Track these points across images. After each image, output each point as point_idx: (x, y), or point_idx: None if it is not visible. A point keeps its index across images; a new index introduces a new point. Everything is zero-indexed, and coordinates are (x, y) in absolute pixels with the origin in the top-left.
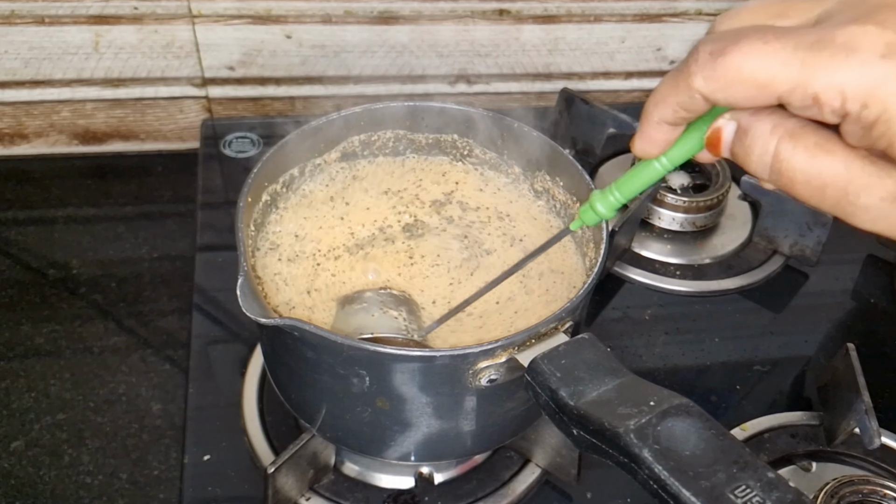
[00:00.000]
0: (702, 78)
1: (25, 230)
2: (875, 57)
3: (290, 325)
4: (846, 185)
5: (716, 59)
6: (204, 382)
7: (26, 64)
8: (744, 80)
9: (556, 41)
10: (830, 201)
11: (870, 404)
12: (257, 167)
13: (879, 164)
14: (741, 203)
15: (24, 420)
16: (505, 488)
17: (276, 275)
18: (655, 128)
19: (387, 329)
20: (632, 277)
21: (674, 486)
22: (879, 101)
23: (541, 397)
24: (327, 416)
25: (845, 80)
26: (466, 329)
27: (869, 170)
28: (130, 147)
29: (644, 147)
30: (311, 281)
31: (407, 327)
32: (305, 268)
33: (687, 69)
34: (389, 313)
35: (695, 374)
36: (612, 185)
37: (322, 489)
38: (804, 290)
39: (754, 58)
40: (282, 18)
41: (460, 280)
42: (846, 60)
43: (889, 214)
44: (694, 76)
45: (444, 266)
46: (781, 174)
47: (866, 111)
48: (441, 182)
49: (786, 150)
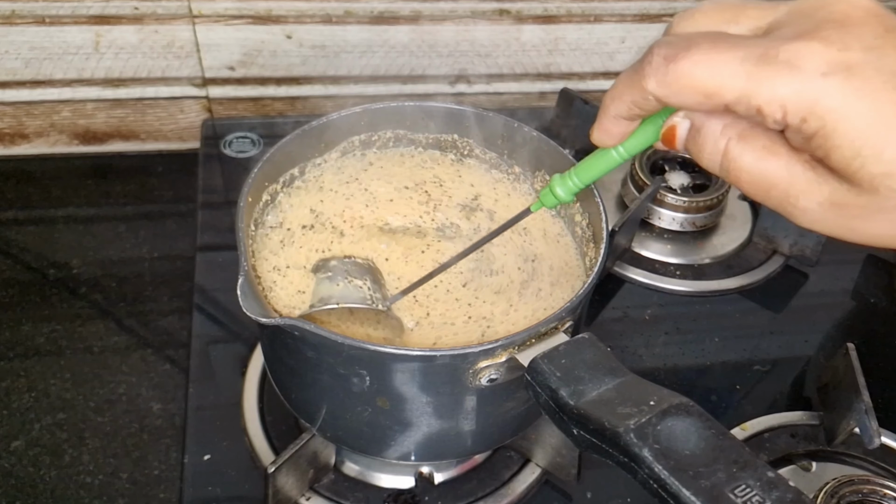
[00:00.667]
0: (654, 82)
1: (25, 230)
2: (816, 75)
3: (291, 324)
4: (788, 188)
5: (668, 65)
6: (204, 382)
7: (27, 64)
8: (693, 87)
9: (556, 41)
10: (774, 201)
11: (870, 404)
12: (257, 167)
13: (819, 170)
14: (741, 203)
15: (24, 420)
16: (505, 488)
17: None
18: (612, 121)
19: (352, 299)
20: (632, 277)
21: (674, 485)
22: (818, 117)
23: (541, 397)
24: (327, 416)
25: (786, 96)
26: (472, 331)
27: (809, 175)
28: (131, 147)
29: (601, 138)
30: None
31: (371, 296)
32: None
33: (642, 70)
34: (354, 282)
35: (695, 374)
36: (572, 170)
37: (322, 489)
38: (804, 290)
39: (703, 67)
40: (282, 18)
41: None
42: (789, 77)
43: (825, 218)
44: (647, 79)
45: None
46: (730, 172)
47: (805, 125)
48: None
49: (734, 150)
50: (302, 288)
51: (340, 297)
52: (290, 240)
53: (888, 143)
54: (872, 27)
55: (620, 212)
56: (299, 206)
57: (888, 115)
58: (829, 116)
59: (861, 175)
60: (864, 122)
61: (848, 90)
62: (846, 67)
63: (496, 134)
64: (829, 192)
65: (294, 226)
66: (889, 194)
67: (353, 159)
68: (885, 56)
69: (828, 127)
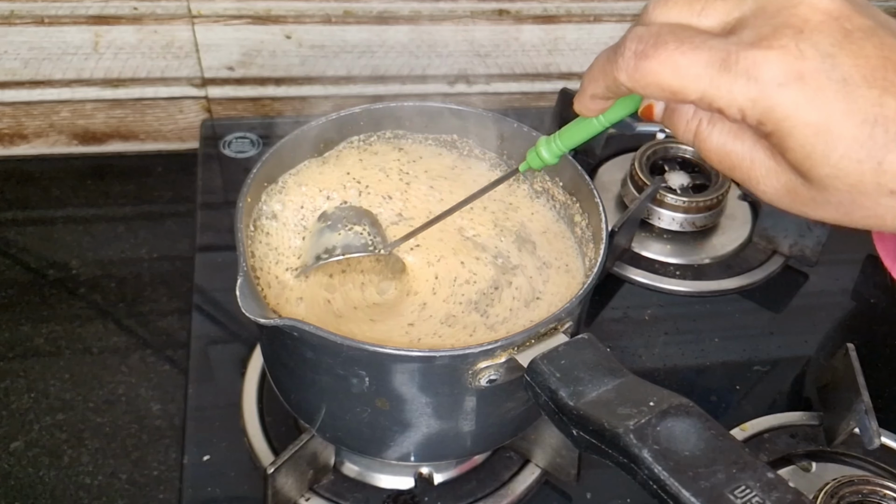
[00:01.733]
0: (625, 75)
1: (25, 230)
2: (772, 85)
3: (290, 325)
4: (750, 171)
5: (638, 61)
6: (204, 383)
7: (26, 64)
8: (659, 85)
9: (556, 41)
10: (738, 179)
11: (869, 404)
12: (257, 167)
13: (778, 159)
14: (741, 203)
15: (23, 420)
16: (505, 488)
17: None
18: (589, 100)
19: (354, 248)
20: (632, 277)
21: (673, 486)
22: (773, 122)
23: (540, 398)
24: (327, 417)
25: (743, 103)
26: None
27: (769, 164)
28: (130, 147)
29: (581, 111)
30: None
31: (373, 241)
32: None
33: (615, 61)
34: (354, 229)
35: (694, 375)
36: (556, 134)
37: (322, 489)
38: (804, 290)
39: (668, 68)
40: (282, 19)
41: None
42: (746, 86)
43: (781, 201)
44: (619, 71)
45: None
46: (700, 150)
47: (762, 126)
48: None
49: (704, 131)
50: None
51: (343, 246)
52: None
53: (834, 148)
54: (830, 33)
55: (620, 212)
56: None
57: (836, 122)
58: (784, 123)
59: (812, 174)
60: (814, 129)
61: (800, 99)
62: (800, 77)
63: (496, 134)
64: (786, 181)
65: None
66: (835, 191)
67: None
68: (838, 65)
69: (782, 131)
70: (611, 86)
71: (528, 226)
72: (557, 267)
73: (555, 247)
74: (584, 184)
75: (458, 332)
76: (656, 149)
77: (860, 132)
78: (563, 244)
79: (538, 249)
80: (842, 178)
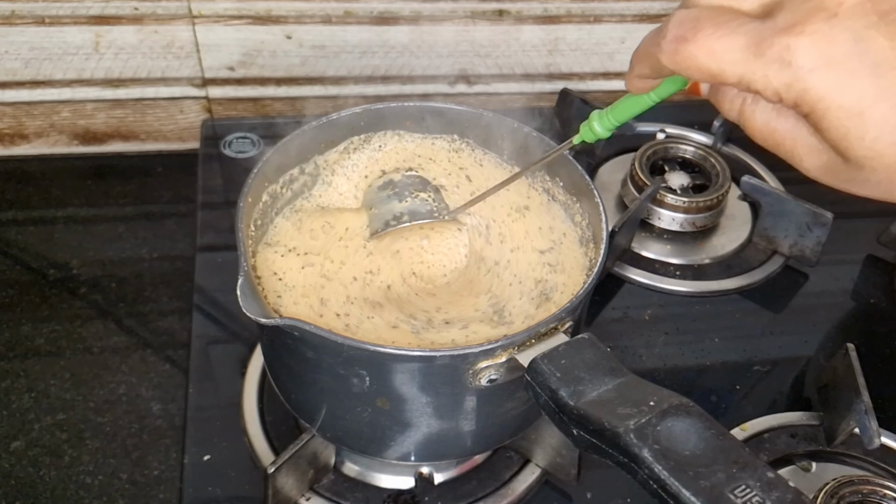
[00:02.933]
0: (666, 58)
1: (25, 230)
2: (804, 71)
3: (290, 325)
4: (793, 148)
5: (677, 45)
6: (204, 382)
7: (27, 64)
8: (698, 68)
9: (556, 41)
10: (783, 156)
11: (869, 404)
12: (257, 167)
13: (819, 137)
14: (741, 203)
15: (24, 420)
16: (505, 488)
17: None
18: (637, 78)
19: (420, 215)
20: (632, 277)
21: (673, 485)
22: (808, 105)
23: (541, 397)
24: (327, 416)
25: (778, 87)
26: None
27: (811, 141)
28: (130, 147)
29: (631, 89)
30: None
31: (437, 208)
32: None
33: (658, 44)
34: (420, 196)
35: (695, 375)
36: (608, 110)
37: (322, 489)
38: (804, 290)
39: (706, 52)
40: (282, 19)
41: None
42: (780, 71)
43: (825, 177)
44: (661, 54)
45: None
46: (745, 127)
47: (799, 108)
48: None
49: (748, 110)
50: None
51: (410, 213)
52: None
53: (868, 129)
54: (864, 15)
55: (620, 212)
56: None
57: (869, 105)
58: (818, 105)
59: (848, 155)
60: (847, 112)
61: (833, 83)
62: (831, 62)
63: (496, 134)
64: (827, 160)
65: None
66: (872, 171)
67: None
68: (871, 48)
69: (817, 113)
70: (654, 67)
71: (528, 226)
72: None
73: (555, 246)
74: (585, 184)
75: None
76: (656, 149)
77: (892, 115)
78: (563, 244)
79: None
80: (878, 160)
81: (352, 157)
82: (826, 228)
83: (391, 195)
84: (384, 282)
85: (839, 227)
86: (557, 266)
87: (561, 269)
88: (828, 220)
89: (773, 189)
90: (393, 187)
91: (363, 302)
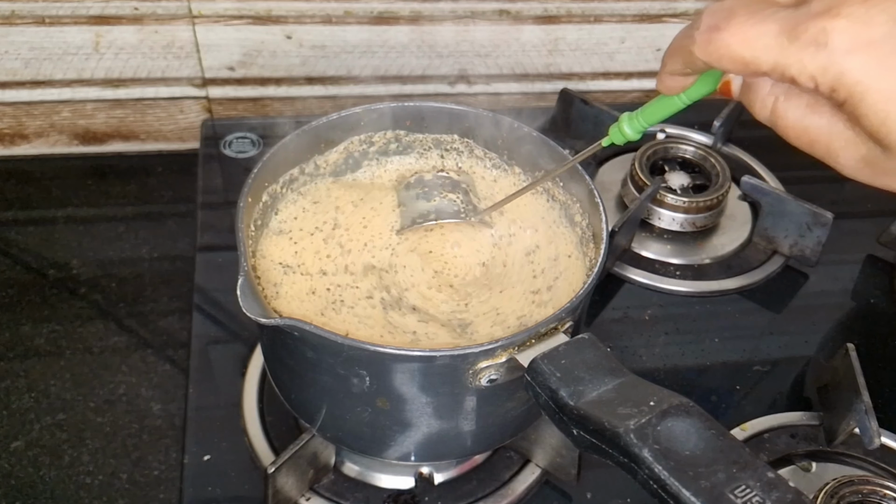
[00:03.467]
0: (699, 50)
1: (25, 230)
2: (841, 53)
3: (290, 325)
4: (829, 144)
5: (711, 35)
6: (204, 382)
7: (27, 64)
8: (731, 56)
9: (556, 41)
10: (818, 154)
11: (869, 404)
12: (257, 167)
13: (857, 129)
14: (741, 203)
15: (24, 420)
16: (505, 488)
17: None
18: (668, 76)
19: (446, 214)
20: (632, 278)
21: (674, 485)
22: (845, 89)
23: (541, 397)
24: (327, 416)
25: (814, 70)
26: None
27: (848, 134)
28: (130, 147)
29: (662, 88)
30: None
31: (465, 209)
32: None
33: (691, 36)
34: (448, 197)
35: (695, 375)
36: (638, 112)
37: (322, 489)
38: (804, 290)
39: (740, 41)
40: (282, 19)
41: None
42: (815, 54)
43: (862, 173)
44: (694, 46)
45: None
46: (777, 126)
47: (835, 94)
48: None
49: (781, 107)
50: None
51: (437, 211)
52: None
53: None
54: None
55: (620, 212)
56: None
57: None
58: (856, 89)
59: (888, 141)
60: (886, 94)
61: (870, 66)
62: (868, 44)
63: (496, 134)
64: (865, 152)
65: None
66: None
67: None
68: None
69: (855, 98)
70: (687, 61)
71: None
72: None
73: (555, 246)
74: (585, 184)
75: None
76: (656, 149)
77: None
78: (564, 244)
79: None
80: None
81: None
82: (826, 228)
83: (420, 194)
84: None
85: (839, 227)
86: (549, 302)
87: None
88: (828, 220)
89: (773, 189)
90: (423, 186)
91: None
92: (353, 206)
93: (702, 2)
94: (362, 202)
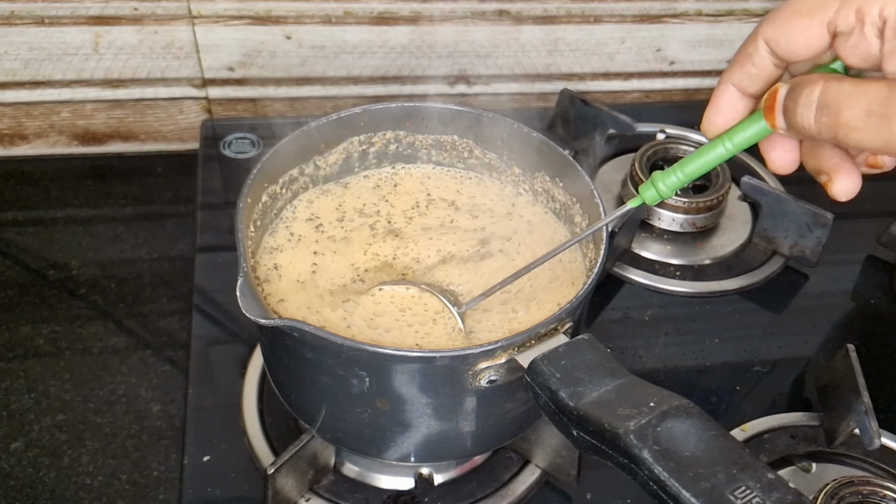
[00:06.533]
0: (764, 23)
1: (25, 230)
2: None
3: (290, 325)
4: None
5: (774, 10)
6: (204, 383)
7: (26, 65)
8: (797, 11)
9: (556, 42)
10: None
11: (870, 405)
12: (257, 168)
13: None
14: (741, 204)
15: (23, 421)
16: (505, 489)
17: None
18: (723, 92)
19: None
20: (632, 278)
21: (674, 487)
22: None
23: (540, 398)
24: (327, 417)
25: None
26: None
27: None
28: (130, 148)
29: (710, 117)
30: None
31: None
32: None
33: (754, 31)
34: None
35: (695, 375)
36: (676, 166)
37: (322, 490)
38: (804, 290)
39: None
40: (282, 19)
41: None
42: None
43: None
44: (758, 26)
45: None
46: (829, 107)
47: None
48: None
49: (832, 85)
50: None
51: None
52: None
53: None
54: None
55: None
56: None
57: None
58: None
59: None
60: None
61: None
62: None
63: (496, 135)
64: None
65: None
66: None
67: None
68: None
69: None
70: (750, 52)
71: (529, 227)
72: (558, 267)
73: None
74: (585, 184)
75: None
76: (656, 149)
77: None
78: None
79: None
80: None
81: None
82: (826, 229)
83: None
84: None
85: (839, 228)
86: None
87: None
88: (828, 221)
89: (773, 189)
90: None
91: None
92: (353, 206)
93: (703, 2)
94: (363, 202)
